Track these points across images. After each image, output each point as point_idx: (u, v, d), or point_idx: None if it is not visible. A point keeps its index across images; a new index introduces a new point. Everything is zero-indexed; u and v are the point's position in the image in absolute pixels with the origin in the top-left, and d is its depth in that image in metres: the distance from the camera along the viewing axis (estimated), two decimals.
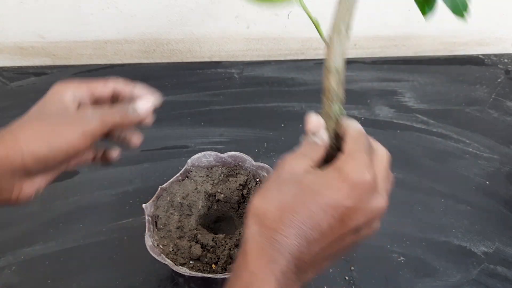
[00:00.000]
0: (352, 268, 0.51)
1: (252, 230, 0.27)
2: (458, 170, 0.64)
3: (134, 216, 0.56)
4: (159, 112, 0.40)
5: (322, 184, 0.27)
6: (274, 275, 0.25)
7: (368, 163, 0.28)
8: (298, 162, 0.29)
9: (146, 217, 0.45)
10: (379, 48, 0.89)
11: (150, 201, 0.47)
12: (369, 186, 0.27)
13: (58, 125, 0.32)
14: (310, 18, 0.33)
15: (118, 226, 0.55)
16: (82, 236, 0.54)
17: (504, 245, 0.54)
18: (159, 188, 0.48)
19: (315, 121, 0.31)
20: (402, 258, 0.53)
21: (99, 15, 0.75)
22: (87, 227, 0.55)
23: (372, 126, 0.70)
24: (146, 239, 0.43)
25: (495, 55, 0.87)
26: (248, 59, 0.86)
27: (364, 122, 0.71)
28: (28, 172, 0.31)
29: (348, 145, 0.29)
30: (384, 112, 0.73)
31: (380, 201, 0.28)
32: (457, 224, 0.57)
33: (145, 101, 0.36)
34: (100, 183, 0.60)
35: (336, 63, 0.31)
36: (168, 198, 0.49)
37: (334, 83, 0.31)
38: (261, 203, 0.28)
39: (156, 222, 0.47)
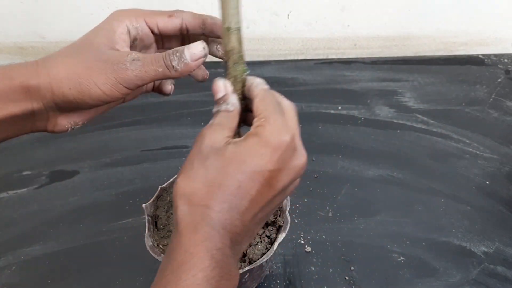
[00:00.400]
0: (352, 268, 0.51)
1: (182, 211, 0.26)
2: (458, 170, 0.64)
3: (134, 216, 0.56)
4: (159, 112, 0.40)
5: (245, 153, 0.27)
6: (209, 252, 0.25)
7: (284, 124, 0.28)
8: (217, 134, 0.29)
9: (146, 217, 0.45)
10: (379, 48, 0.89)
11: (150, 201, 0.47)
12: (289, 146, 0.27)
13: (93, 67, 0.29)
14: None
15: (118, 226, 0.55)
16: (82, 236, 0.54)
17: (504, 245, 0.54)
18: (159, 188, 0.48)
19: (223, 87, 0.31)
20: (402, 258, 0.53)
21: (99, 15, 0.75)
22: (87, 227, 0.55)
23: (372, 126, 0.70)
24: (146, 239, 0.43)
25: (495, 55, 0.87)
26: (248, 59, 0.86)
27: (364, 122, 0.71)
28: (59, 108, 0.30)
29: (258, 106, 0.29)
30: (384, 112, 0.73)
31: (301, 158, 0.28)
32: (457, 224, 0.56)
33: (195, 48, 0.30)
34: (100, 183, 0.60)
35: (235, 20, 0.30)
36: (168, 198, 0.49)
37: (236, 42, 0.30)
38: (187, 182, 0.27)
39: (156, 222, 0.47)
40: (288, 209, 0.43)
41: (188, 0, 0.77)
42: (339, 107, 0.73)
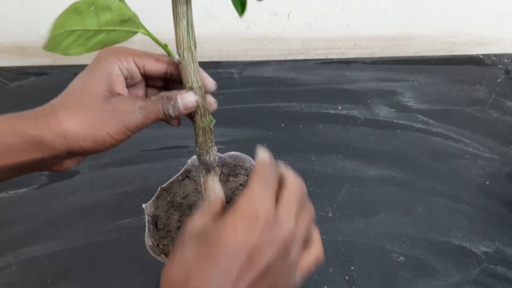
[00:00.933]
0: (352, 268, 0.51)
1: None
2: (458, 170, 0.64)
3: (134, 216, 0.56)
4: None
5: (221, 228, 0.26)
6: None
7: (261, 194, 0.27)
8: (199, 221, 0.29)
9: (146, 217, 0.45)
10: (379, 48, 0.89)
11: (150, 201, 0.47)
12: (263, 218, 0.26)
13: (105, 119, 0.31)
14: (158, 42, 0.33)
15: (118, 226, 0.55)
16: (82, 236, 0.54)
17: (504, 245, 0.54)
18: (159, 188, 0.48)
19: (212, 185, 0.33)
20: (402, 258, 0.53)
21: None
22: (87, 227, 0.55)
23: (372, 126, 0.70)
24: (146, 239, 0.43)
25: (495, 55, 0.87)
26: (248, 59, 0.86)
27: (364, 122, 0.71)
28: (69, 155, 0.32)
29: (249, 179, 0.29)
30: (384, 112, 0.73)
31: (280, 232, 0.26)
32: (457, 224, 0.57)
33: (188, 100, 0.33)
34: (100, 183, 0.60)
35: (196, 79, 0.33)
36: (168, 198, 0.49)
37: (199, 98, 0.34)
38: (169, 270, 0.27)
39: (156, 222, 0.47)
40: None
41: None
42: (339, 107, 0.73)
